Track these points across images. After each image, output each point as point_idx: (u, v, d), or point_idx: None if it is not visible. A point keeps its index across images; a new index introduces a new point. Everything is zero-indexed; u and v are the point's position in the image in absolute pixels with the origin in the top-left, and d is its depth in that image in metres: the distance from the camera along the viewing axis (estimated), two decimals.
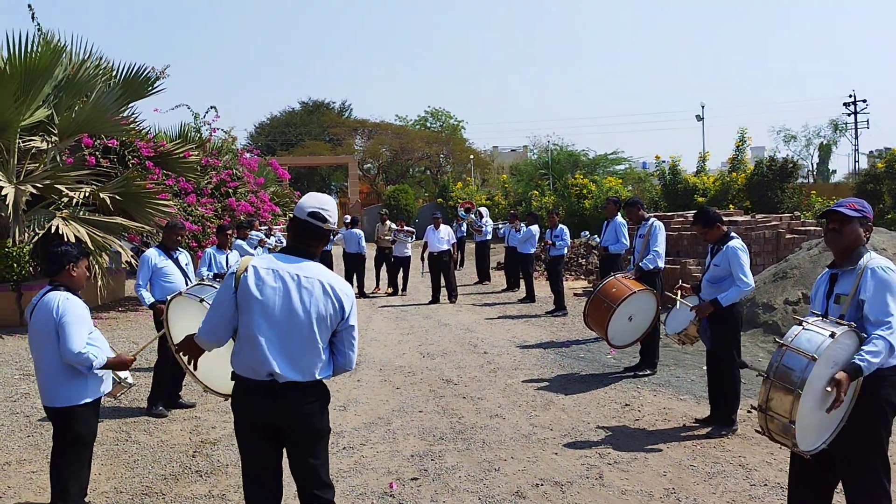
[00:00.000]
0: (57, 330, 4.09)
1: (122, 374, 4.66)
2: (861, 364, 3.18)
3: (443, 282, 14.41)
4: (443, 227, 14.48)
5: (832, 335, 3.21)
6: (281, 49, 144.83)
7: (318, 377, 3.26)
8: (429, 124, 52.01)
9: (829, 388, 3.16)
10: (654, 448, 5.50)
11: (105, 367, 4.21)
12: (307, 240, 3.36)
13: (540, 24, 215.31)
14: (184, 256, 6.96)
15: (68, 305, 4.15)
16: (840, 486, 3.55)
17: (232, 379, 3.31)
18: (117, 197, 12.56)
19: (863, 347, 3.24)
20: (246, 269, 3.24)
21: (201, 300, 4.41)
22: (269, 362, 3.17)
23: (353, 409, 6.78)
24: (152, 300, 6.53)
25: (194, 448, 5.72)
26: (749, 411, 6.04)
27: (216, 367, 3.80)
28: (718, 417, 5.89)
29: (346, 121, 52.60)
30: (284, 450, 3.34)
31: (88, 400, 4.24)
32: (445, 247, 14.23)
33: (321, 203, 3.36)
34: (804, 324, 3.34)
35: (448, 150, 47.06)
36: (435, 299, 14.20)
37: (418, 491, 4.78)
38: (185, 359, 3.59)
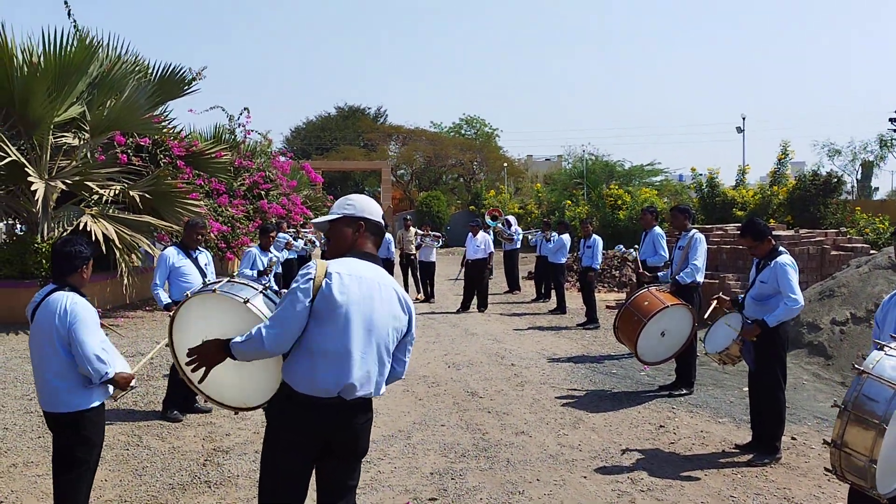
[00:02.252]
0: (68, 334, 3.83)
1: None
2: None
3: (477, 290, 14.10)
4: (480, 234, 14.25)
5: None
6: (318, 54, 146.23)
7: (382, 391, 3.09)
8: (463, 132, 51.85)
9: None
10: (691, 475, 5.13)
11: (110, 381, 3.93)
12: (376, 244, 3.20)
13: (577, 33, 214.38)
14: (204, 256, 6.76)
15: (78, 310, 3.85)
16: None
17: (285, 396, 3.00)
18: (147, 195, 12.49)
19: None
20: (327, 275, 2.93)
21: (245, 301, 3.37)
22: (350, 378, 2.92)
23: (373, 420, 6.50)
24: (168, 301, 6.34)
25: (206, 456, 5.49)
26: (823, 443, 5.67)
27: (226, 378, 3.37)
28: (761, 444, 5.50)
29: (381, 126, 52.70)
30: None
31: (96, 403, 4.00)
32: (482, 255, 13.98)
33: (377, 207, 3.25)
34: (886, 349, 2.94)
35: (482, 158, 46.85)
36: (465, 307, 13.92)
37: None
38: (195, 366, 3.10)
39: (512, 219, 18.14)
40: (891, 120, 31.46)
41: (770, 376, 5.46)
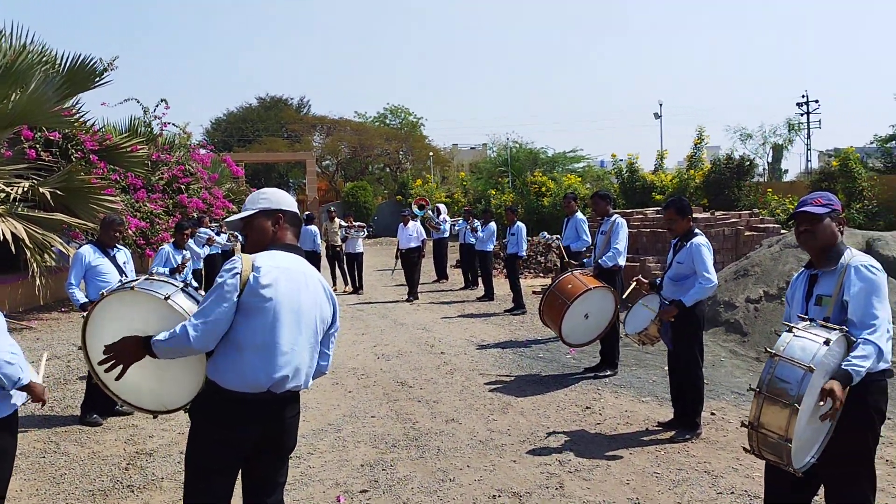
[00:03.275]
0: None
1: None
2: (852, 371, 2.93)
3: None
4: (412, 223, 14.25)
5: (826, 342, 2.94)
6: (239, 45, 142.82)
7: (310, 385, 3.08)
8: (388, 121, 51.54)
9: (821, 402, 2.90)
10: (617, 454, 5.27)
11: (24, 389, 3.73)
12: (296, 235, 3.18)
13: (500, 21, 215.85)
14: (122, 254, 6.52)
15: None
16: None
17: (211, 394, 2.93)
18: (59, 192, 11.95)
19: (851, 353, 3.00)
20: (254, 269, 2.87)
21: (166, 298, 3.22)
22: (280, 371, 2.89)
23: (302, 414, 6.42)
24: (85, 300, 6.10)
25: (128, 460, 5.32)
26: (741, 425, 5.91)
27: (144, 380, 3.24)
28: (682, 421, 5.69)
29: (305, 117, 51.87)
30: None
31: (7, 413, 3.79)
32: (415, 244, 14.00)
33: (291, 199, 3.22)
34: (794, 330, 3.05)
35: (407, 148, 46.70)
36: (412, 294, 14.02)
37: None
38: (110, 365, 2.95)
39: (442, 207, 18.18)
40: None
41: (688, 355, 5.65)
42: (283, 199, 3.18)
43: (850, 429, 3.07)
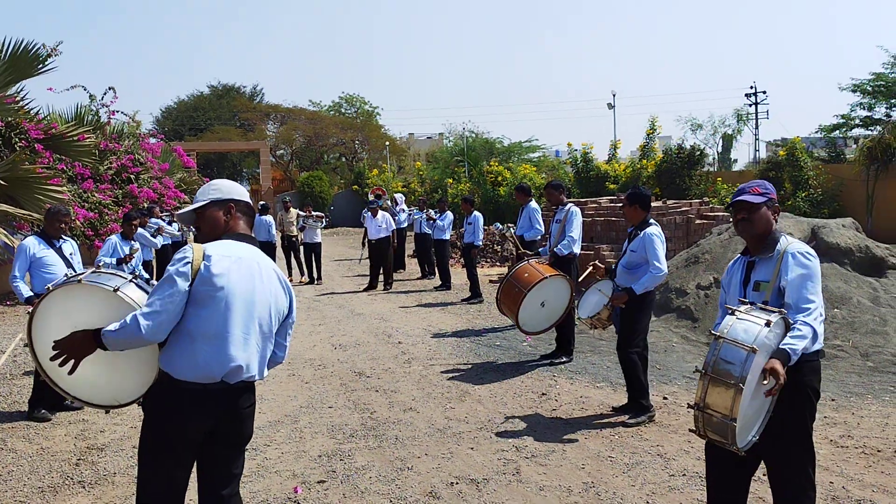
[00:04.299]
0: None
1: None
2: (789, 351, 3.04)
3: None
4: (380, 213, 14.15)
5: (767, 324, 3.04)
6: (189, 31, 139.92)
7: (264, 375, 3.05)
8: (343, 110, 51.05)
9: (765, 381, 2.99)
10: (572, 439, 5.35)
11: None
12: (249, 224, 3.16)
13: (457, 9, 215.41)
14: (69, 245, 6.37)
15: None
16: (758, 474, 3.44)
17: (165, 385, 2.88)
18: (2, 182, 11.59)
19: (789, 334, 3.11)
20: (205, 258, 2.84)
21: (115, 290, 3.13)
22: (234, 360, 2.86)
23: (258, 406, 6.33)
24: (30, 294, 5.94)
25: (79, 455, 5.21)
26: (687, 407, 6.03)
27: (93, 375, 3.14)
28: (631, 405, 5.80)
29: (258, 106, 51.06)
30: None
31: None
32: (384, 234, 13.93)
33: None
34: (737, 313, 3.14)
35: (363, 137, 46.36)
36: (372, 285, 13.95)
37: (325, 495, 4.45)
38: (61, 361, 2.90)
39: (399, 197, 18.09)
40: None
41: (630, 340, 5.77)
42: (234, 189, 3.16)
43: (789, 408, 3.19)
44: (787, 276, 3.26)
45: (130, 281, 3.23)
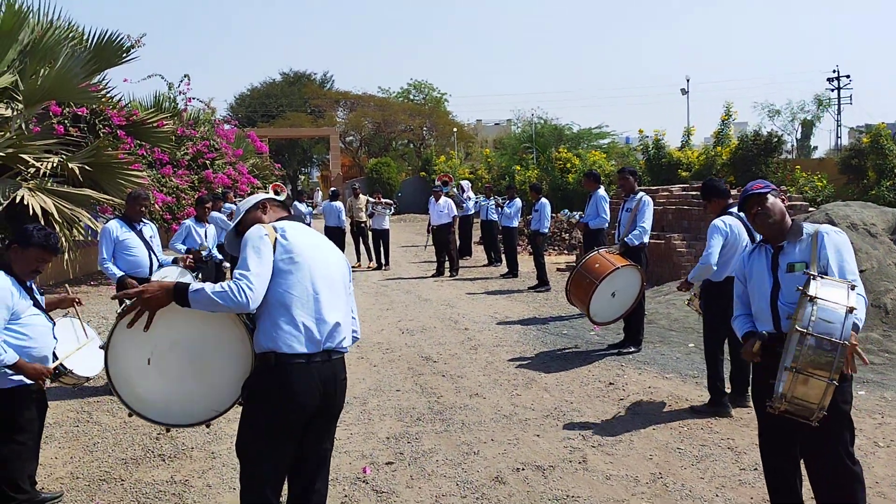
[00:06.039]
0: None
1: (69, 364, 4.32)
2: (860, 325, 3.15)
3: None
4: (443, 199, 14.22)
5: (852, 287, 3.18)
6: (262, 19, 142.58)
7: (352, 342, 3.22)
8: (412, 97, 51.35)
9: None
10: (640, 429, 5.28)
11: (13, 367, 3.73)
12: (288, 214, 3.29)
13: None
14: (149, 228, 6.61)
15: None
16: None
17: (271, 366, 2.86)
18: (87, 167, 12.07)
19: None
20: (277, 230, 2.96)
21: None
22: (331, 318, 2.96)
23: None
24: (120, 273, 6.20)
25: (159, 430, 5.44)
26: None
27: (184, 389, 2.99)
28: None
29: (328, 92, 51.85)
30: None
31: (9, 386, 3.84)
32: (446, 220, 13.99)
33: None
34: (817, 279, 3.19)
35: (431, 123, 46.57)
36: (439, 272, 14.05)
37: (393, 476, 4.53)
38: (137, 313, 2.83)
39: (466, 184, 18.08)
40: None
41: (710, 331, 5.69)
42: (261, 196, 3.31)
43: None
44: (827, 252, 3.35)
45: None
